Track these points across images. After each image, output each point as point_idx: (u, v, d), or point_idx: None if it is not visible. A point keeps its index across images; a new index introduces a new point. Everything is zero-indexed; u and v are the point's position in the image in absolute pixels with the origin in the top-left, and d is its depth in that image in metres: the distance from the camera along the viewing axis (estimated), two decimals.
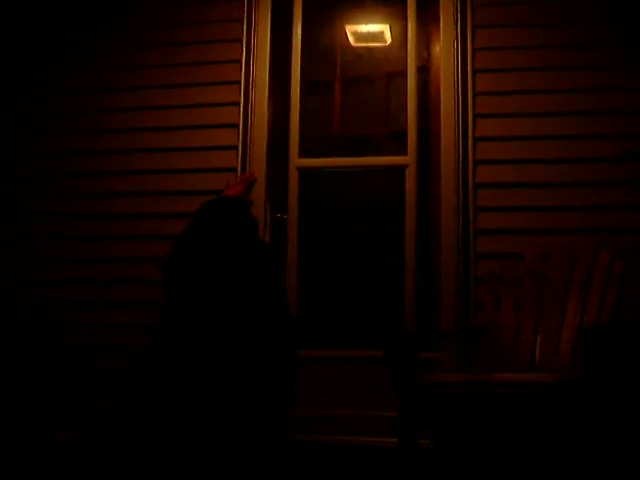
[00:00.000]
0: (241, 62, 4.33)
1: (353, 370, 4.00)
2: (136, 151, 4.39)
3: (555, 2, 4.13)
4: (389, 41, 5.07)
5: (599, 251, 3.53)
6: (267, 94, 4.31)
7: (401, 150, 4.21)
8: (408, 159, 4.13)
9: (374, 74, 5.20)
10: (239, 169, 4.19)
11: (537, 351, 3.46)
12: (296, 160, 4.22)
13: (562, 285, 3.54)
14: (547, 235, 3.88)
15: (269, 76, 4.34)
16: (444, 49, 4.19)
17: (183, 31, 4.47)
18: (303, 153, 4.28)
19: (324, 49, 5.13)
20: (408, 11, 4.30)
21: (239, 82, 4.31)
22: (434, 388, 3.05)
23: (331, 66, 5.21)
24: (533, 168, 3.98)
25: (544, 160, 3.97)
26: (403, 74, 4.28)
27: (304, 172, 4.26)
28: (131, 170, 4.36)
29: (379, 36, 5.05)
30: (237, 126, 4.26)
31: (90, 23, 4.57)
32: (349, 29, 5.04)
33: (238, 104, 4.28)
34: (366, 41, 5.16)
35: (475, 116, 4.07)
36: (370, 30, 5.04)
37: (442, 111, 4.13)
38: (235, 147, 4.24)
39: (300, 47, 4.37)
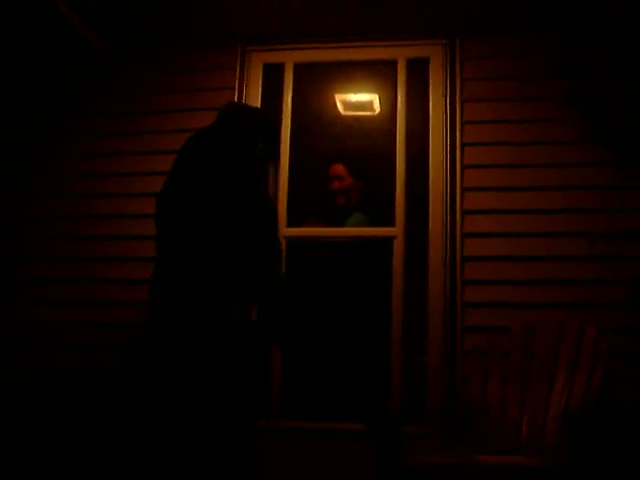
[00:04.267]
0: None
1: (333, 443, 3.84)
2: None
3: (541, 77, 4.19)
4: (378, 110, 5.12)
5: (585, 327, 3.53)
6: None
7: (389, 220, 4.18)
8: (396, 230, 4.11)
9: (363, 141, 5.22)
10: None
11: (523, 429, 3.43)
12: (284, 230, 4.16)
13: (549, 361, 3.52)
14: (534, 309, 3.85)
15: None
16: (433, 121, 4.23)
17: (173, 98, 4.50)
18: (292, 221, 4.26)
19: (314, 117, 5.17)
20: (398, 84, 4.34)
21: None
22: (417, 470, 3.01)
23: (321, 133, 5.25)
24: (520, 242, 3.98)
25: (530, 234, 3.97)
26: (392, 144, 4.29)
27: (292, 241, 4.20)
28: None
29: (368, 105, 5.11)
30: None
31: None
32: (339, 98, 5.11)
33: None
34: (355, 110, 5.22)
35: (463, 189, 4.08)
36: (360, 99, 5.11)
37: (430, 183, 4.14)
38: None
39: (290, 116, 4.36)
